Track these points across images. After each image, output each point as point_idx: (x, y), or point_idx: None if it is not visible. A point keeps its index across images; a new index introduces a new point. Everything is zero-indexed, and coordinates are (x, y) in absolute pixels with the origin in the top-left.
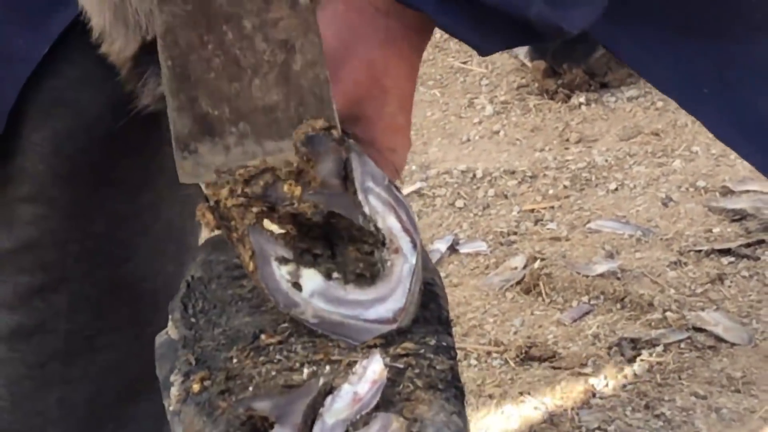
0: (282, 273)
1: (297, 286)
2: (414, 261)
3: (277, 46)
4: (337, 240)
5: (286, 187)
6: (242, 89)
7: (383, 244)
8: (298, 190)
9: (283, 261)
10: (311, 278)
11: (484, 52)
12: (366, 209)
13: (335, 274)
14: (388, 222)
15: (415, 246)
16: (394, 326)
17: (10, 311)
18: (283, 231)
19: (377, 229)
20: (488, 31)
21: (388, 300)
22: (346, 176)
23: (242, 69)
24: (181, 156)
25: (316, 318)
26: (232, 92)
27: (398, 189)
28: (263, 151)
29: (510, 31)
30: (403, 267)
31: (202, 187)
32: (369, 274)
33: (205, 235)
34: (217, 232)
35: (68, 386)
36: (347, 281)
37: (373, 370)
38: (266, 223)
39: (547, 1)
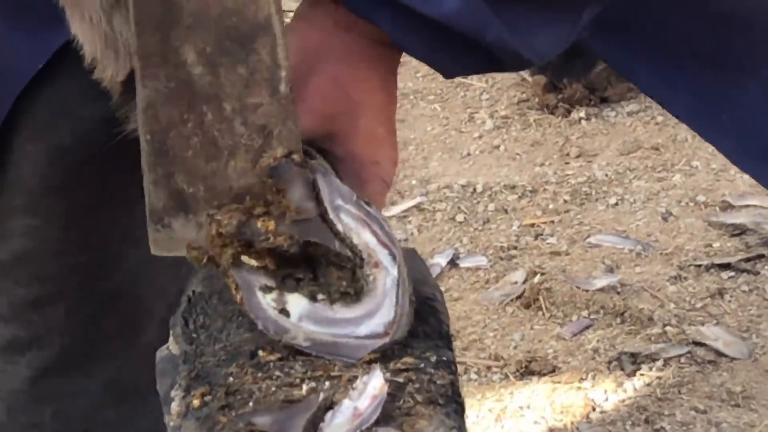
0: (267, 301)
1: (284, 312)
2: (396, 273)
3: (255, 131)
4: (317, 262)
5: (259, 223)
6: (218, 170)
7: (362, 259)
8: (272, 224)
9: (267, 289)
10: (297, 302)
11: (446, 75)
12: (339, 227)
13: (320, 296)
14: (364, 237)
15: (394, 258)
16: (387, 339)
17: (5, 324)
18: (261, 265)
19: (353, 245)
20: (447, 54)
21: (377, 314)
22: (317, 197)
23: (220, 150)
24: (154, 229)
25: (308, 341)
26: (209, 172)
27: (368, 204)
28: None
29: (469, 56)
30: (386, 280)
31: None
32: (353, 291)
33: None
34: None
35: (63, 398)
36: (333, 301)
37: (373, 385)
38: (245, 258)
39: (506, 24)
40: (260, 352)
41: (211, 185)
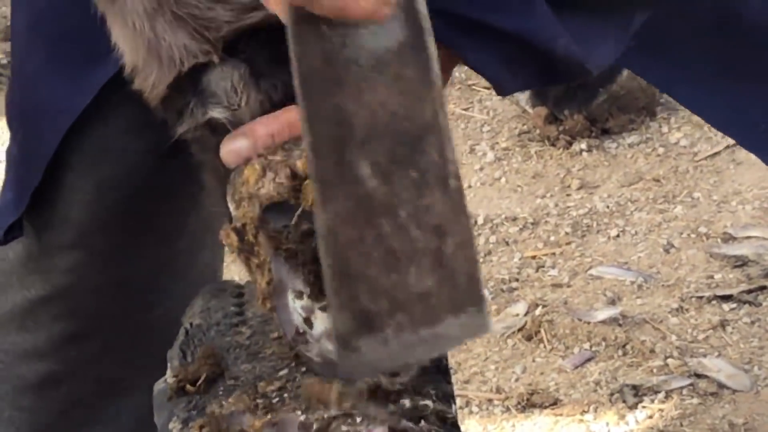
0: (296, 306)
1: (308, 322)
2: None
3: (430, 232)
4: None
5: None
6: (399, 280)
7: None
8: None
9: (299, 295)
10: (324, 321)
11: (505, 91)
12: None
13: None
14: None
15: None
16: (395, 379)
17: (41, 359)
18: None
19: None
20: (513, 68)
21: None
22: None
23: (398, 260)
24: (343, 354)
25: (320, 357)
26: (390, 284)
27: None
28: (419, 339)
29: (534, 67)
30: None
31: (231, 208)
32: None
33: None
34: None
35: (94, 430)
36: None
37: None
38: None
39: (571, 34)
40: (260, 383)
41: (393, 297)
